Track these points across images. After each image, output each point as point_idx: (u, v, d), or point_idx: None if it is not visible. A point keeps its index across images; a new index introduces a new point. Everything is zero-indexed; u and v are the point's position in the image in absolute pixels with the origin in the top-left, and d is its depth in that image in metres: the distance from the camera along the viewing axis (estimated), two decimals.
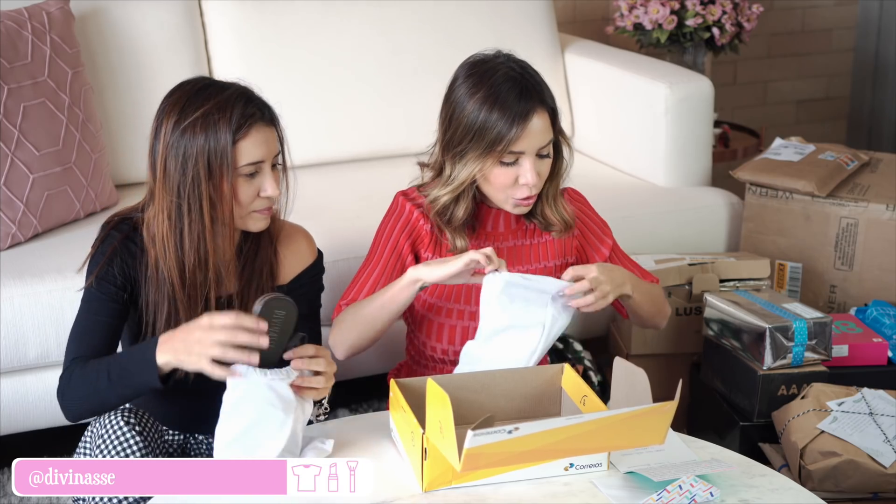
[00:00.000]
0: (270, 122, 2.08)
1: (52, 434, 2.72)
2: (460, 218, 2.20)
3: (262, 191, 2.06)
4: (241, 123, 2.01)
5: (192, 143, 2.01)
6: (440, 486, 1.81)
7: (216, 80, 2.11)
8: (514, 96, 2.13)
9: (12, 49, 2.71)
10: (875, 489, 2.30)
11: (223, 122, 2.00)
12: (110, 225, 2.13)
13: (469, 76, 2.17)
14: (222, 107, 2.01)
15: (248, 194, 2.05)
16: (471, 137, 2.14)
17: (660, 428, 1.76)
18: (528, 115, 2.12)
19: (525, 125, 2.11)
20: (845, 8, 4.56)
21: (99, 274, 2.08)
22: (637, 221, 3.03)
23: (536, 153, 2.14)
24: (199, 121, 2.01)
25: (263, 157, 2.05)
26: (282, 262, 2.19)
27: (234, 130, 2.01)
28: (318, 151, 3.26)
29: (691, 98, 3.16)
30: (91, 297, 2.10)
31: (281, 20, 3.21)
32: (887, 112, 4.56)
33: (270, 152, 2.06)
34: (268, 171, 2.06)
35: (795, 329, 2.50)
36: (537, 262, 2.28)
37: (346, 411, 2.94)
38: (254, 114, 2.04)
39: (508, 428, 1.63)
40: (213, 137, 2.00)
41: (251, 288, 2.13)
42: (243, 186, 2.04)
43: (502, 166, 2.14)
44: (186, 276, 2.06)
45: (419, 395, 1.87)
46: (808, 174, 2.98)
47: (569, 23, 3.97)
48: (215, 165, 2.01)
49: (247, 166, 2.03)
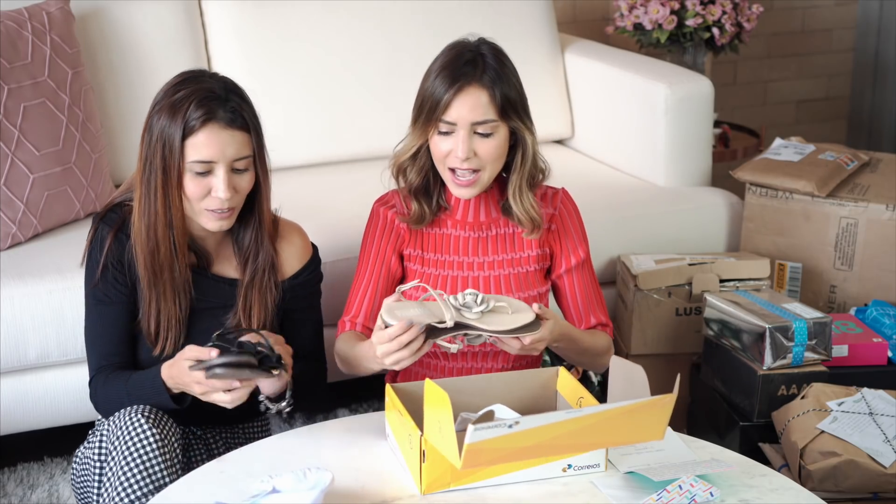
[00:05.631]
0: (236, 126, 2.09)
1: (52, 434, 2.72)
2: (414, 182, 2.26)
3: (213, 191, 2.09)
4: (192, 122, 2.06)
5: (156, 125, 2.09)
6: (439, 489, 1.81)
7: (208, 74, 2.15)
8: (458, 66, 2.19)
9: (12, 49, 2.71)
10: (875, 489, 2.30)
11: (179, 116, 2.07)
12: (100, 216, 2.20)
13: (440, 54, 2.24)
14: (185, 98, 2.07)
15: (194, 191, 2.09)
16: (420, 104, 2.22)
17: (659, 422, 1.76)
18: (463, 86, 2.17)
19: (457, 93, 2.16)
20: (845, 8, 4.56)
21: (100, 275, 2.15)
22: (637, 221, 3.03)
23: (473, 130, 2.17)
24: (167, 108, 2.08)
25: (214, 159, 2.07)
26: (280, 258, 2.24)
27: (184, 126, 2.06)
28: (317, 151, 3.26)
29: (691, 98, 3.16)
30: (97, 299, 2.18)
31: (281, 20, 3.21)
32: (887, 112, 4.56)
33: (226, 155, 2.08)
34: (220, 173, 2.08)
35: (795, 329, 2.50)
36: (521, 250, 2.29)
37: (346, 411, 2.94)
38: (210, 115, 2.06)
39: (509, 422, 1.63)
40: (169, 127, 2.07)
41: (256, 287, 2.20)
42: (190, 183, 2.09)
43: (440, 136, 2.19)
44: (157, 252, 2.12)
45: (415, 399, 1.88)
46: (808, 174, 2.98)
47: (569, 23, 3.97)
48: (167, 152, 2.07)
49: (196, 164, 2.07)
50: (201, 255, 2.21)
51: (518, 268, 2.29)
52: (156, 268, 2.13)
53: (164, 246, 2.12)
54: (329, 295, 2.43)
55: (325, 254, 2.65)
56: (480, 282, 2.27)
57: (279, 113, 3.18)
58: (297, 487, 1.75)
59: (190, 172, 2.07)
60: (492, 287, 2.27)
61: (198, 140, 2.06)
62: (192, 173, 2.08)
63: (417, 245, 2.28)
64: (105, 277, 2.15)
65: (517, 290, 2.27)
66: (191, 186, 2.08)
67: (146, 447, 2.01)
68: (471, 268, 2.28)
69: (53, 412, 2.61)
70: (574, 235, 2.33)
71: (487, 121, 2.18)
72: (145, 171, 2.11)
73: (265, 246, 2.20)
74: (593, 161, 3.41)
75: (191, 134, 2.06)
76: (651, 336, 2.84)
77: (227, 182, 2.07)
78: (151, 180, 2.10)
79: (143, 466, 1.99)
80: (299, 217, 2.36)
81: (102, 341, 2.18)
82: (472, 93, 2.17)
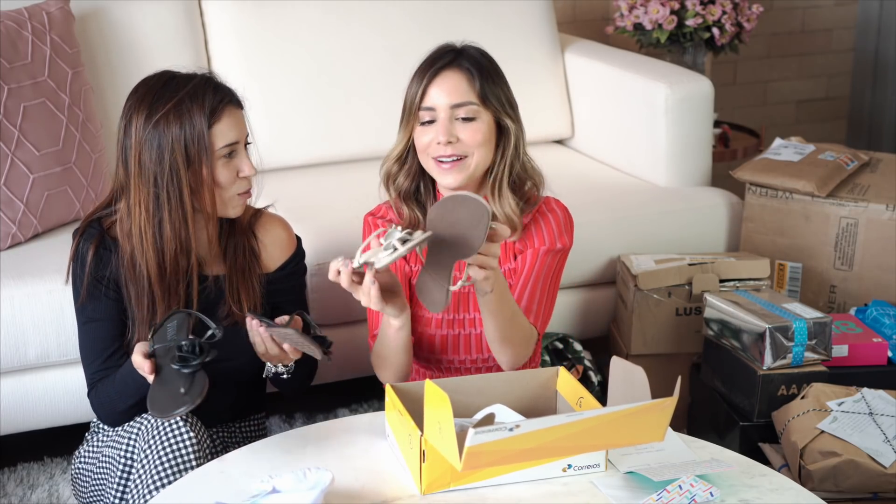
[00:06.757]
0: (239, 105, 2.16)
1: (52, 434, 2.72)
2: (403, 186, 2.24)
3: (241, 171, 2.13)
4: (214, 108, 2.09)
5: (166, 134, 2.08)
6: (439, 489, 1.81)
7: (177, 72, 2.17)
8: (436, 58, 2.19)
9: (12, 49, 2.71)
10: (875, 489, 2.30)
11: (197, 109, 2.08)
12: (80, 232, 2.21)
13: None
14: (193, 95, 2.09)
15: (227, 177, 2.12)
16: (403, 105, 2.22)
17: (660, 424, 1.76)
18: (440, 70, 2.17)
19: (434, 77, 2.17)
20: (845, 8, 4.56)
21: (85, 292, 2.18)
22: (637, 221, 3.03)
23: (455, 115, 2.16)
24: (172, 112, 2.08)
25: (238, 139, 2.13)
26: (264, 250, 2.27)
27: (209, 115, 2.08)
28: (317, 151, 3.26)
29: (691, 98, 3.16)
30: (86, 316, 2.20)
31: (281, 20, 3.21)
32: (887, 112, 4.56)
33: (242, 133, 2.15)
34: (242, 151, 2.15)
35: (795, 329, 2.50)
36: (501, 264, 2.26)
37: (346, 411, 2.94)
38: (224, 97, 2.12)
39: (510, 425, 1.63)
40: (188, 125, 2.08)
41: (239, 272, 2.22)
42: (222, 169, 2.11)
43: (422, 128, 2.18)
44: (167, 266, 2.13)
45: (415, 400, 1.88)
46: (808, 174, 2.98)
47: (569, 23, 3.97)
48: (193, 152, 2.08)
49: (224, 148, 2.11)
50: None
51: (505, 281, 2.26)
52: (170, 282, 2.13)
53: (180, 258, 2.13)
54: (330, 295, 2.43)
55: (323, 254, 2.66)
56: (469, 297, 2.25)
57: (279, 113, 3.18)
58: (297, 487, 1.75)
59: (221, 160, 2.11)
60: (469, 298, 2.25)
61: (222, 125, 2.11)
62: (222, 160, 2.12)
63: (417, 261, 2.25)
64: (91, 294, 2.17)
65: None
66: (224, 174, 2.12)
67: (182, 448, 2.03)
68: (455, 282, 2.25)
69: (53, 412, 2.61)
70: (545, 233, 2.25)
71: (467, 103, 2.16)
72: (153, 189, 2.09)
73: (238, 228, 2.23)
74: (593, 161, 3.41)
75: (216, 122, 2.09)
76: (651, 336, 2.84)
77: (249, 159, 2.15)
78: (165, 195, 2.09)
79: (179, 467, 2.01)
80: (298, 217, 2.36)
81: (94, 356, 2.20)
82: (449, 76, 2.17)
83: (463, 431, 1.64)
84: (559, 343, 2.89)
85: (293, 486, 1.75)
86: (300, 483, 1.76)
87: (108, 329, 2.18)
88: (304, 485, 1.75)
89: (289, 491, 1.74)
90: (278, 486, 1.75)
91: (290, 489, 1.75)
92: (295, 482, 1.76)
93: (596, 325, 3.04)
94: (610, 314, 3.02)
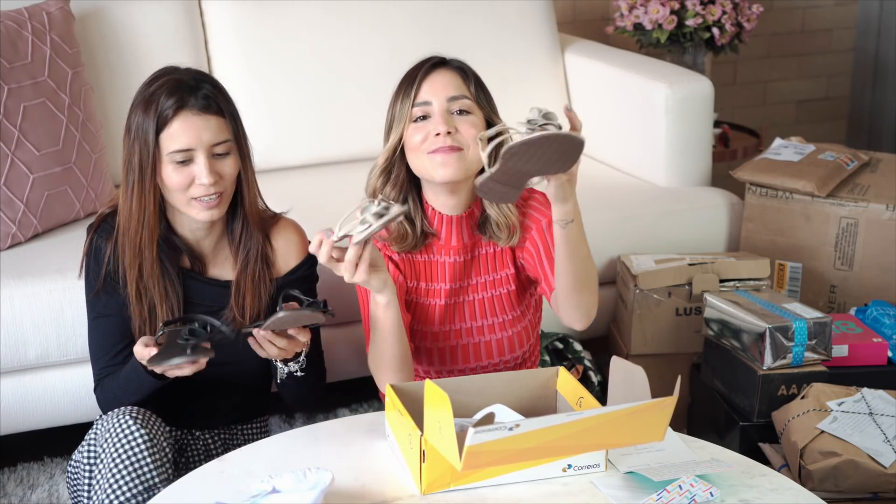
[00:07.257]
0: (210, 112, 2.10)
1: (52, 434, 2.72)
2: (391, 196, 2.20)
3: (197, 178, 2.09)
4: (165, 112, 2.07)
5: (133, 123, 2.11)
6: (439, 489, 1.81)
7: (181, 68, 2.17)
8: (420, 62, 2.20)
9: (12, 49, 2.71)
10: (875, 489, 2.30)
11: (151, 111, 2.08)
12: (94, 228, 2.21)
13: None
14: (154, 95, 2.09)
15: (178, 181, 2.09)
16: (391, 107, 2.21)
17: (660, 424, 1.76)
18: (432, 69, 2.17)
19: (428, 73, 2.16)
20: (845, 8, 4.56)
21: (100, 287, 2.17)
22: (637, 221, 3.03)
23: (450, 107, 2.15)
24: (141, 104, 2.10)
25: (192, 146, 2.08)
26: (277, 254, 2.25)
27: (157, 119, 2.07)
28: (318, 151, 3.26)
29: (691, 98, 3.16)
30: (97, 312, 2.20)
31: (281, 20, 3.21)
32: (887, 112, 4.56)
33: (204, 141, 2.09)
34: (200, 159, 2.09)
35: (795, 329, 2.50)
36: (501, 270, 2.26)
37: (346, 411, 2.94)
38: (181, 103, 2.08)
39: (510, 424, 1.63)
40: (144, 122, 2.09)
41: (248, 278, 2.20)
42: (172, 174, 2.09)
43: (415, 125, 2.16)
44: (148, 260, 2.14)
45: (415, 400, 1.88)
46: (808, 174, 2.98)
47: (569, 23, 3.97)
48: (143, 148, 2.09)
49: (175, 153, 2.08)
50: (195, 258, 2.20)
51: (500, 289, 2.26)
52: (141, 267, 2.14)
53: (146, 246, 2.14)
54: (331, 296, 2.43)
55: None
56: (465, 307, 2.26)
57: (279, 113, 3.18)
58: (297, 487, 1.75)
59: (171, 164, 2.08)
60: (476, 311, 2.25)
61: (173, 130, 2.08)
62: (173, 164, 2.08)
63: (413, 276, 2.24)
64: (103, 289, 2.17)
65: (500, 313, 2.25)
66: (173, 177, 2.09)
67: (135, 447, 2.01)
68: (456, 294, 2.25)
69: (53, 412, 2.61)
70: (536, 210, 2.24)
71: (462, 96, 2.16)
72: (127, 172, 2.13)
73: (254, 234, 2.21)
74: (593, 161, 3.41)
75: (165, 125, 2.08)
76: (651, 336, 2.84)
77: (208, 167, 2.08)
78: (130, 179, 2.11)
79: (132, 467, 2.00)
80: (299, 217, 2.36)
81: (102, 352, 2.21)
82: (442, 73, 2.17)
83: (463, 431, 1.64)
84: (559, 343, 2.89)
85: (293, 486, 1.75)
86: (300, 483, 1.76)
87: (117, 325, 2.18)
88: (304, 485, 1.75)
89: (289, 491, 1.74)
90: (278, 486, 1.75)
91: (290, 489, 1.75)
92: (295, 482, 1.76)
93: (596, 324, 3.03)
94: (610, 314, 3.02)
